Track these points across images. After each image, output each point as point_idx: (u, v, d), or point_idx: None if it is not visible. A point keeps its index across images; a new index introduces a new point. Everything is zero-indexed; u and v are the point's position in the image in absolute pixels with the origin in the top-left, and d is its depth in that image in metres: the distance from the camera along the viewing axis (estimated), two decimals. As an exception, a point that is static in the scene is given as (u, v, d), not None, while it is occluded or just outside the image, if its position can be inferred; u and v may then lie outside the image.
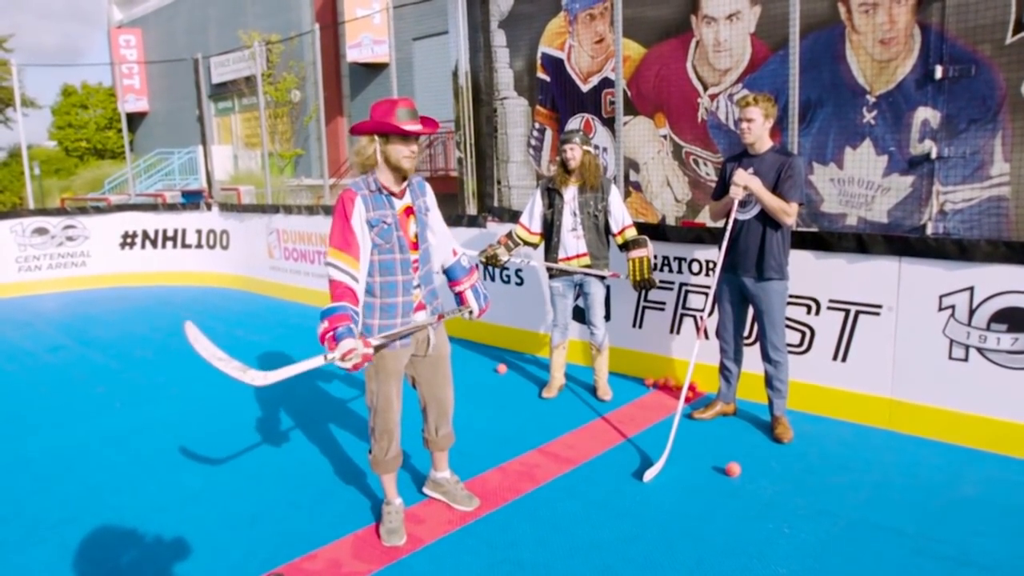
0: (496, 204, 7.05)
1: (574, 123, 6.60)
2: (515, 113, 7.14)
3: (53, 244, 9.71)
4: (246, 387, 5.22)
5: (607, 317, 5.27)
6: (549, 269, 4.78)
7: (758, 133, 3.94)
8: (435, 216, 3.17)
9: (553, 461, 3.85)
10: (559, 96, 6.78)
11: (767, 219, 3.93)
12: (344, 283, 2.84)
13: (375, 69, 19.17)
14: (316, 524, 3.26)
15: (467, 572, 2.86)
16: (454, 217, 6.72)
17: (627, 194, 6.11)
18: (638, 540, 3.05)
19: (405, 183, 3.00)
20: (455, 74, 7.09)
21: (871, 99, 4.91)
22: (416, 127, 2.87)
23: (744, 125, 3.95)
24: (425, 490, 3.49)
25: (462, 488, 3.42)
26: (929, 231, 4.72)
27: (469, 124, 7.13)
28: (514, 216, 6.05)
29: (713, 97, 5.70)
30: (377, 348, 2.93)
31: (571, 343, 5.46)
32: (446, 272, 3.33)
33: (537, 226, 4.82)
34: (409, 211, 3.01)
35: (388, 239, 2.92)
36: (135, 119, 28.15)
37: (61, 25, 55.34)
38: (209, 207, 10.00)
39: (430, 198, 3.14)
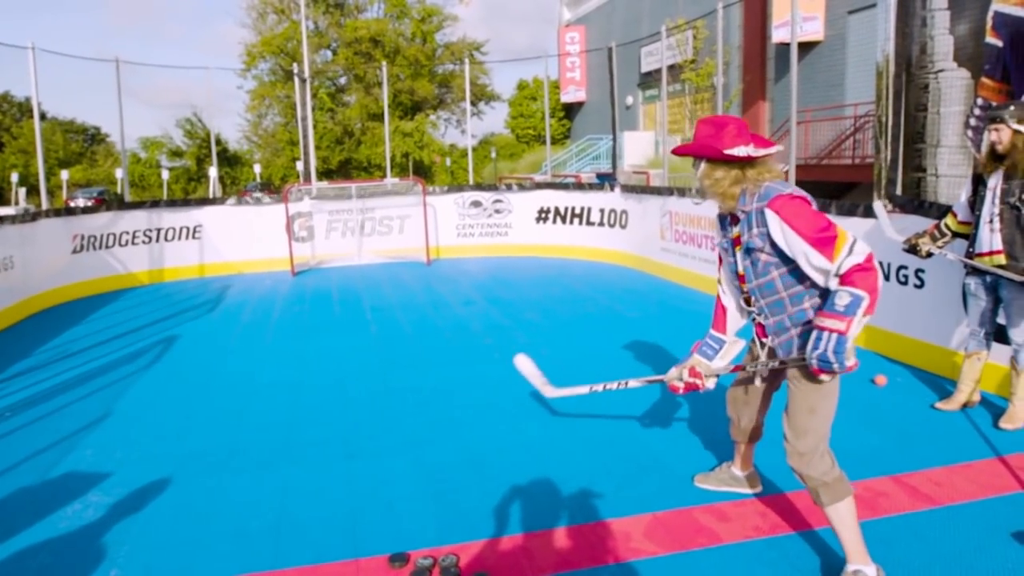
0: (914, 193, 6.06)
1: (1027, 96, 5.30)
2: (952, 88, 6.00)
3: (484, 215, 11.36)
4: (607, 357, 5.49)
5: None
6: (964, 264, 4.16)
7: None
8: (789, 248, 2.45)
9: (907, 494, 3.22)
10: (1013, 64, 5.50)
11: None
12: (719, 302, 2.92)
13: (804, 49, 18.01)
14: (621, 495, 3.28)
15: (758, 586, 2.59)
16: (847, 207, 6.00)
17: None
18: (993, 615, 2.39)
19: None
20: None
21: None
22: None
23: None
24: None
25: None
26: None
27: (887, 102, 6.25)
28: (923, 208, 5.22)
29: None
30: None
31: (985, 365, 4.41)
32: None
33: (964, 214, 4.21)
34: (736, 241, 2.64)
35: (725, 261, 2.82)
36: (574, 108, 31.18)
37: (529, 26, 64.03)
38: (612, 188, 10.59)
39: (775, 230, 2.45)
